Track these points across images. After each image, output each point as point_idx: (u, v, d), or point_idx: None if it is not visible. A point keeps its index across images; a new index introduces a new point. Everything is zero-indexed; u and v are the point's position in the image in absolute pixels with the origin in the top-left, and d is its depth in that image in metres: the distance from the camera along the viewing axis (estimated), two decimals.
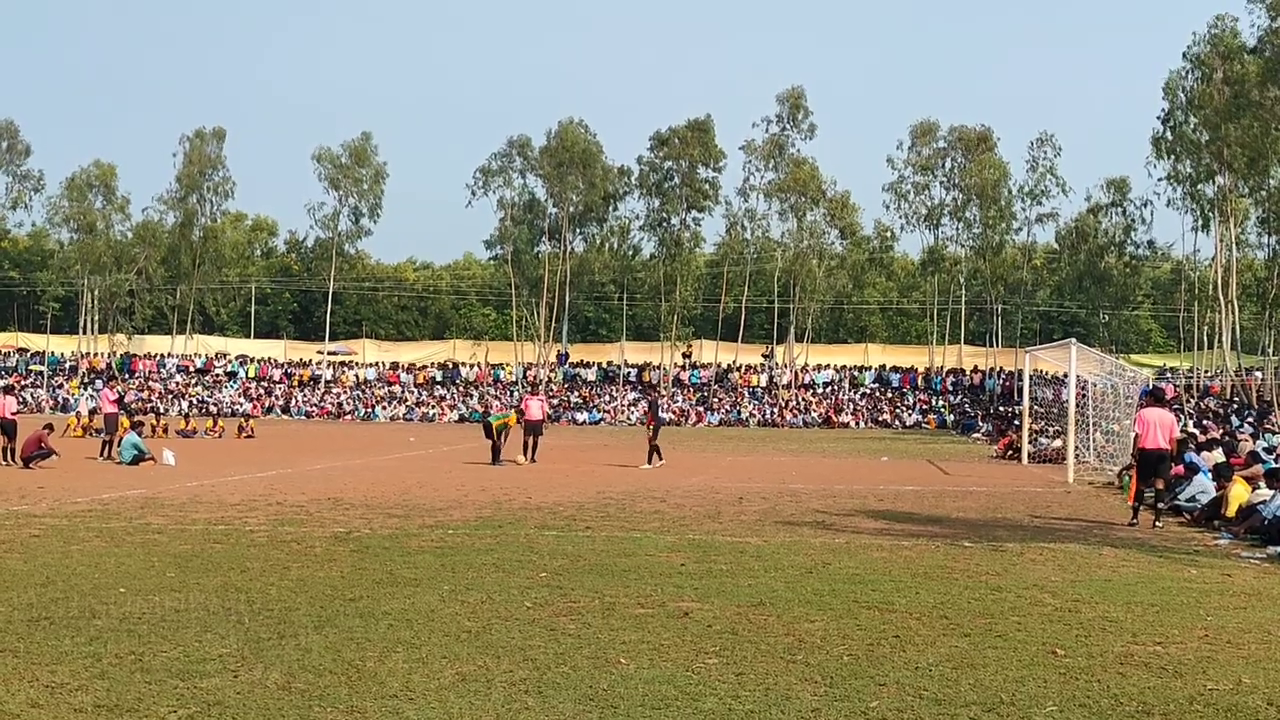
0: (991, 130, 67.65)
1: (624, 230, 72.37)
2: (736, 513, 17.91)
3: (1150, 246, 67.78)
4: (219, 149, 73.53)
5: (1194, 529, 16.87)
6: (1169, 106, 53.34)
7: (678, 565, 12.38)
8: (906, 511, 18.54)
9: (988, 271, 68.42)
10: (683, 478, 25.27)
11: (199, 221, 73.80)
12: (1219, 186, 52.29)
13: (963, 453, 38.31)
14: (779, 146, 68.15)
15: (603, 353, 75.58)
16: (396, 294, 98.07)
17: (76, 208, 70.69)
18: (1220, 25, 50.74)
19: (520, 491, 21.06)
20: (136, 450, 27.71)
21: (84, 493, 19.87)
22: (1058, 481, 25.39)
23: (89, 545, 13.33)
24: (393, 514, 17.13)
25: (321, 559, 12.54)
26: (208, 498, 19.29)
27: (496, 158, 70.61)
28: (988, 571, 12.22)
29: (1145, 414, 17.74)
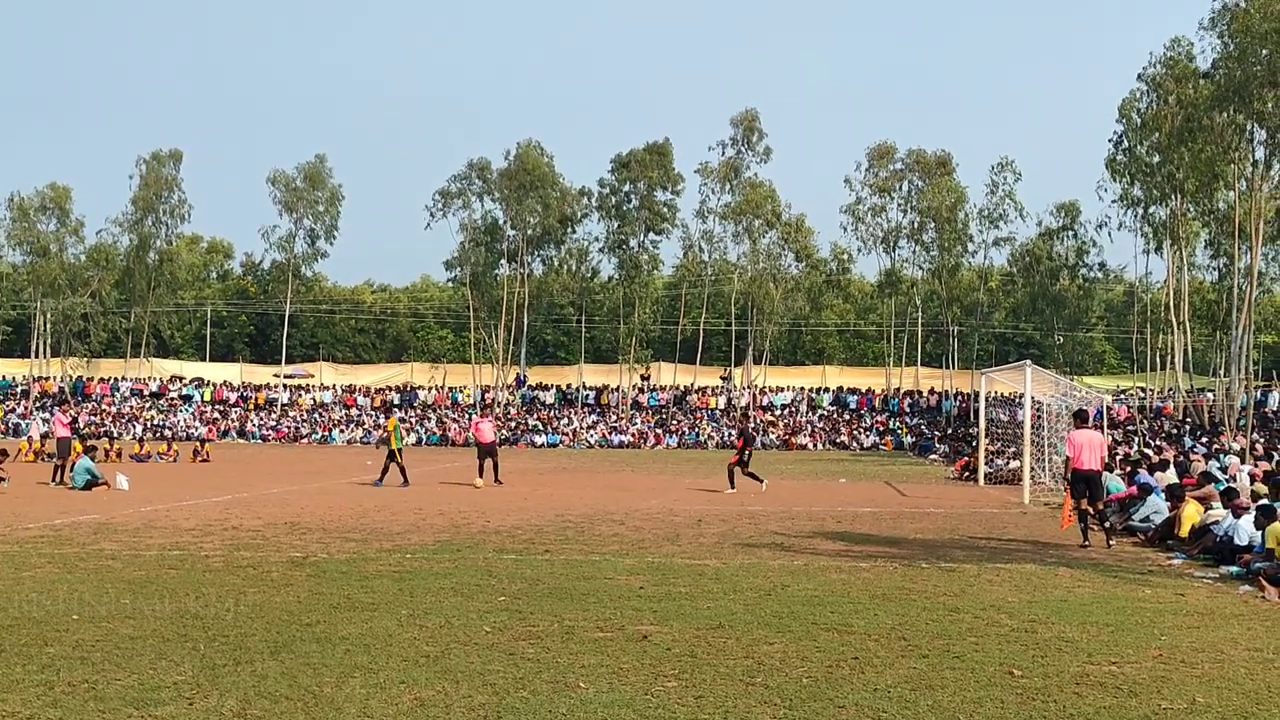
0: (951, 155, 68.29)
1: (583, 253, 72.43)
2: (695, 535, 17.92)
3: (1103, 269, 68.61)
4: (176, 171, 73.00)
5: (1148, 549, 17.03)
6: (1123, 129, 54.00)
7: (637, 588, 12.38)
8: (864, 533, 18.62)
9: (944, 294, 68.93)
10: (641, 500, 25.25)
11: (154, 244, 73.18)
12: (1170, 209, 52.96)
13: (920, 474, 38.50)
14: (734, 169, 68.44)
15: (561, 375, 75.48)
16: (354, 316, 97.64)
17: (24, 229, 69.83)
18: (1176, 48, 51.43)
19: (479, 515, 20.97)
20: (89, 475, 27.39)
21: (36, 518, 19.62)
22: (1014, 502, 25.56)
23: (41, 572, 13.17)
24: (350, 538, 17.02)
25: (278, 584, 12.45)
26: (162, 523, 19.09)
27: (456, 180, 70.55)
28: (945, 593, 12.29)
29: (1075, 436, 17.85)
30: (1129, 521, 18.86)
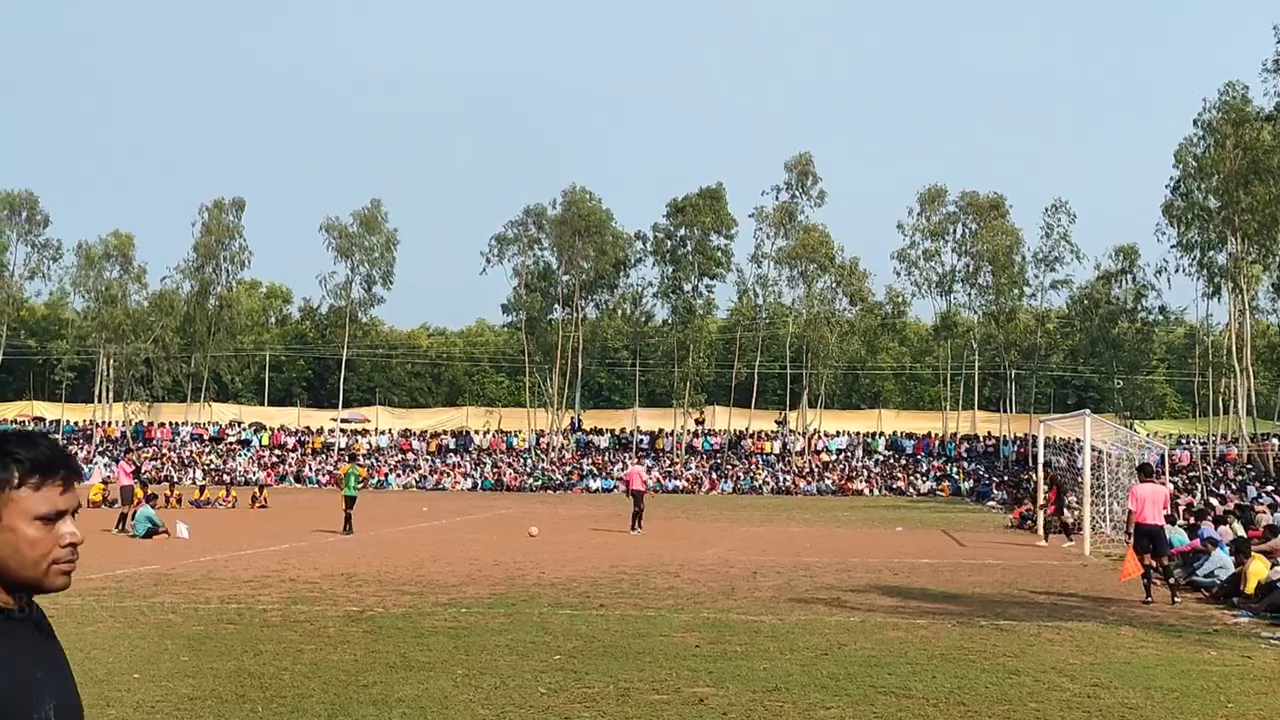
0: (1004, 197, 67.93)
1: (637, 297, 72.67)
2: (751, 589, 17.83)
3: (1163, 312, 67.74)
4: (237, 218, 74.16)
5: (1213, 606, 16.73)
6: (1179, 174, 53.56)
7: (692, 646, 12.33)
8: (921, 587, 18.44)
9: (1001, 337, 68.40)
10: (696, 550, 25.17)
11: (215, 290, 74.27)
12: (1230, 253, 52.36)
13: (977, 522, 38.11)
14: (789, 213, 68.46)
15: (615, 419, 75.50)
16: (410, 360, 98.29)
17: (89, 276, 71.23)
18: (1231, 92, 51.05)
19: (534, 566, 20.99)
20: (150, 523, 27.73)
21: (98, 568, 19.85)
22: (1074, 554, 25.23)
23: (103, 627, 13.33)
24: (406, 591, 17.09)
25: (335, 640, 12.51)
26: (221, 574, 19.26)
27: (512, 225, 71.13)
28: (1004, 653, 12.13)
29: (1138, 489, 17.68)
30: (1192, 577, 18.55)
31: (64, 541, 2.41)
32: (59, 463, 2.43)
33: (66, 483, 2.44)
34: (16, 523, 2.37)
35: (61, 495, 2.43)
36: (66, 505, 2.44)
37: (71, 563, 2.44)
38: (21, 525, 2.37)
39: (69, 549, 2.42)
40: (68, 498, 2.45)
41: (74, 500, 2.47)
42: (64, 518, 2.43)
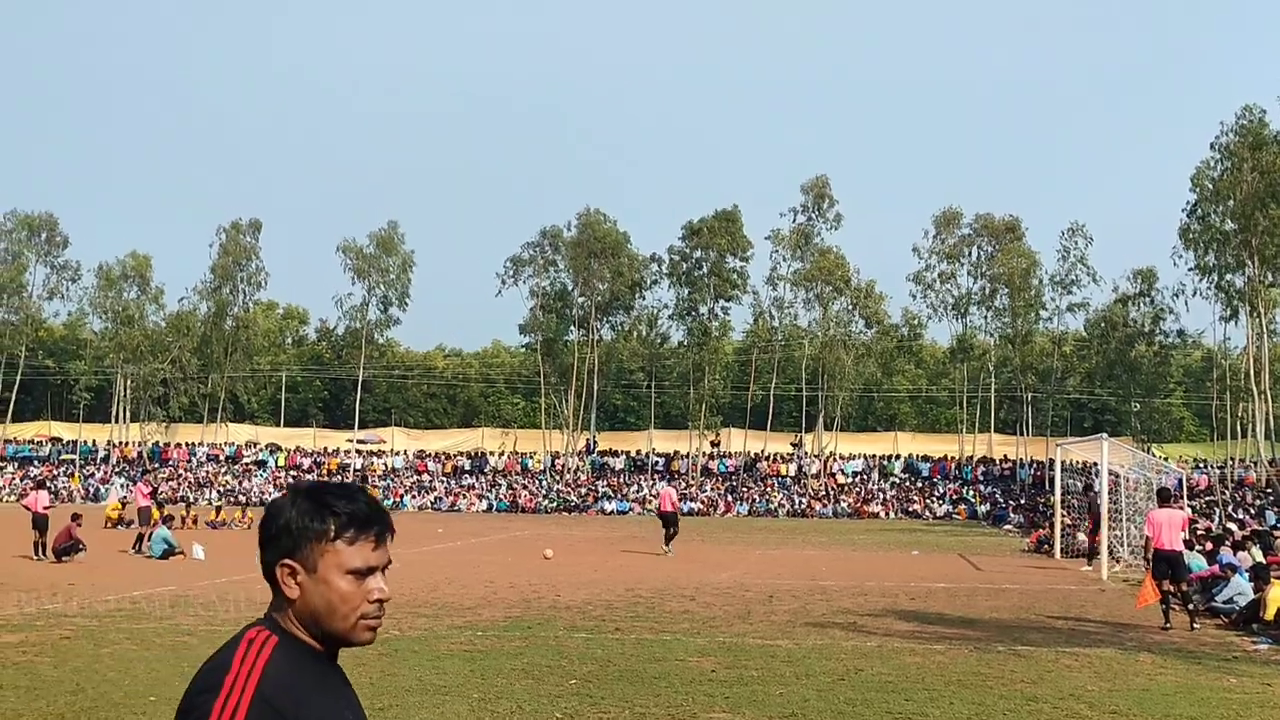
0: (1019, 220, 67.87)
1: (652, 319, 72.70)
2: (767, 612, 17.78)
3: (1181, 335, 67.44)
4: (254, 240, 74.46)
5: (1232, 632, 16.63)
6: (1196, 198, 53.44)
7: (708, 671, 12.29)
8: (938, 612, 18.36)
9: (1017, 360, 68.21)
10: (712, 573, 25.11)
11: (232, 311, 74.55)
12: (1248, 277, 52.19)
13: (994, 546, 37.95)
14: (805, 236, 68.45)
15: (631, 441, 75.41)
16: (426, 382, 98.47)
17: (109, 298, 71.63)
18: (1249, 116, 50.97)
19: (549, 588, 20.97)
20: (167, 545, 27.80)
21: (114, 590, 19.91)
22: (1091, 578, 25.10)
23: (119, 648, 13.34)
24: (421, 613, 17.09)
25: (351, 663, 12.45)
26: (236, 595, 19.26)
27: (528, 247, 71.30)
28: (1022, 679, 12.07)
29: (1155, 514, 17.60)
30: (1211, 603, 18.44)
31: (373, 597, 2.47)
32: (374, 519, 2.50)
33: (379, 538, 2.51)
34: (330, 575, 2.44)
35: (374, 551, 2.49)
36: (378, 561, 2.49)
37: (379, 619, 2.51)
38: (335, 578, 2.44)
39: (377, 605, 2.48)
40: (379, 553, 2.50)
41: (385, 556, 2.53)
42: (375, 573, 2.48)
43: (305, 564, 2.44)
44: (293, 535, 2.45)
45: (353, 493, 2.51)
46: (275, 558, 2.47)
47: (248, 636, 2.41)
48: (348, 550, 2.45)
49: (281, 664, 2.36)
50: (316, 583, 2.44)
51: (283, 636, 2.43)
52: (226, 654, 2.38)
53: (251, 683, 2.30)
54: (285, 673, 2.36)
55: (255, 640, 2.39)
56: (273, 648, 2.39)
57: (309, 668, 2.42)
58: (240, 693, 2.29)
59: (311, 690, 2.39)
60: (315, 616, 2.45)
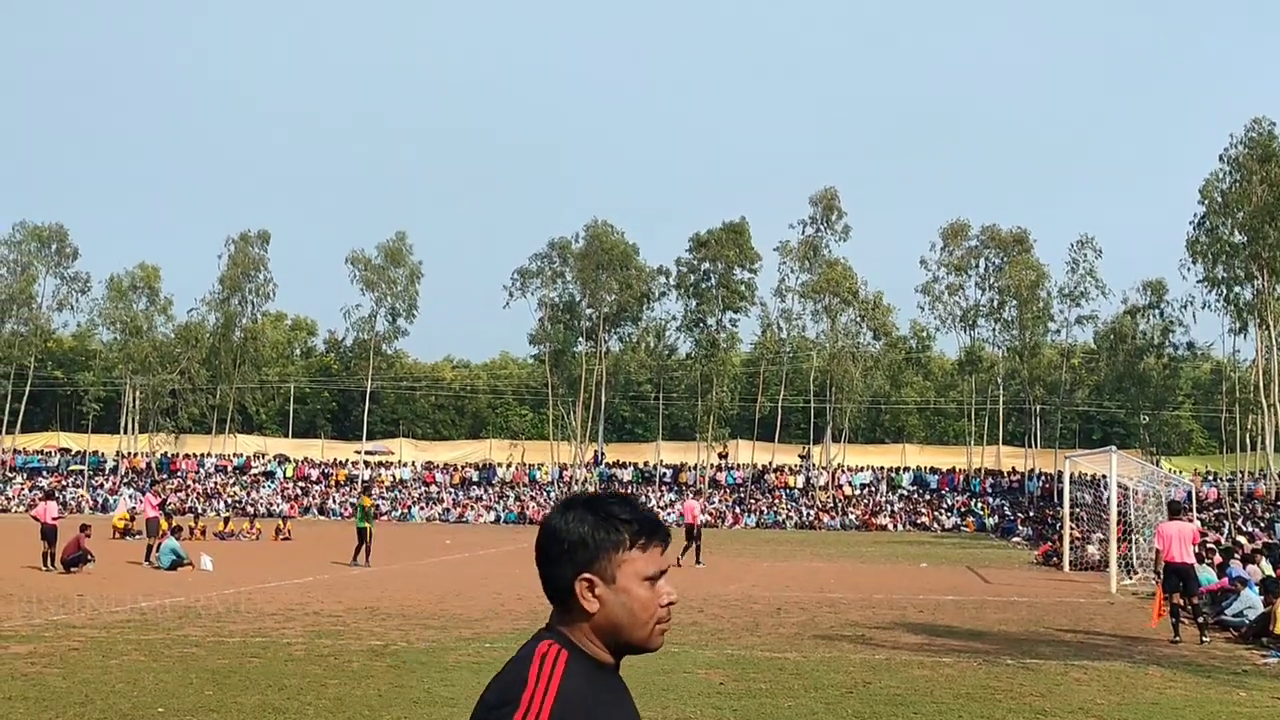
0: (1028, 232, 67.85)
1: (660, 330, 72.75)
2: (775, 625, 17.75)
3: (1190, 348, 67.32)
4: (263, 251, 74.61)
5: (1242, 646, 16.57)
6: (1204, 210, 53.34)
7: (716, 684, 12.27)
8: (947, 624, 18.32)
9: (1026, 372, 68.12)
10: (720, 585, 25.08)
11: (240, 322, 74.65)
12: (1257, 289, 52.04)
13: (1003, 558, 37.87)
14: (813, 248, 68.48)
15: (639, 453, 75.41)
16: (434, 393, 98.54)
17: (119, 309, 71.77)
18: (1258, 128, 50.92)
19: None
20: (175, 556, 27.83)
21: (123, 601, 19.93)
22: (1100, 591, 25.03)
23: (128, 659, 13.35)
24: (429, 625, 17.08)
25: (358, 675, 12.51)
26: (245, 607, 19.29)
27: (536, 259, 71.39)
28: (1031, 693, 12.04)
29: (1164, 527, 17.58)
30: (1221, 616, 18.38)
31: (664, 601, 2.51)
32: (658, 524, 2.55)
33: (664, 543, 2.56)
34: (630, 584, 2.48)
35: (661, 555, 2.54)
36: (664, 565, 2.54)
37: (669, 622, 2.54)
38: (634, 587, 2.48)
39: (667, 609, 2.52)
40: (665, 557, 2.56)
41: (669, 560, 2.58)
42: (662, 577, 2.53)
43: (603, 575, 2.47)
44: (589, 548, 2.48)
45: (631, 501, 2.56)
46: (573, 572, 2.47)
47: (539, 651, 2.42)
48: (642, 558, 2.49)
49: (575, 679, 2.39)
50: (616, 593, 2.46)
51: (573, 651, 2.44)
52: (520, 669, 2.40)
53: (549, 699, 2.33)
54: (579, 688, 2.38)
55: (548, 655, 2.41)
56: (565, 662, 2.40)
57: (599, 682, 2.45)
58: (539, 708, 2.31)
59: (603, 705, 2.42)
60: (616, 627, 2.48)
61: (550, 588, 2.51)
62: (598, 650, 2.48)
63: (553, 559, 2.50)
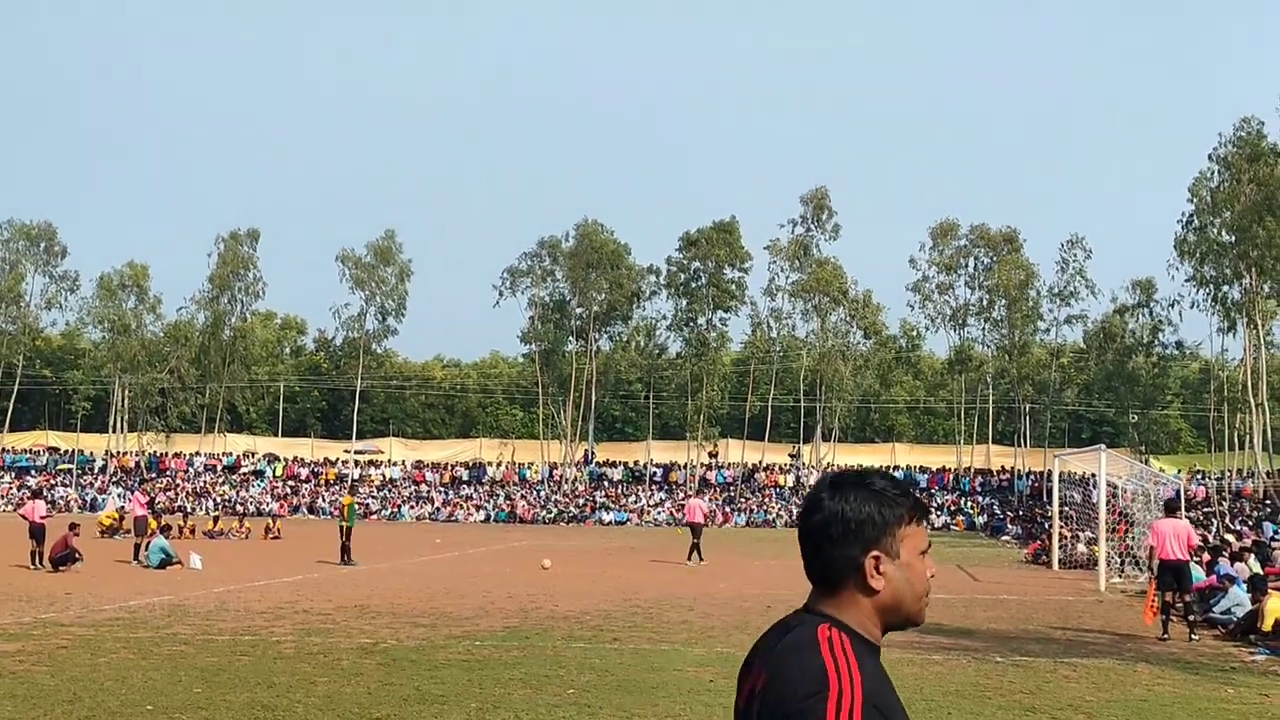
0: (1017, 231, 67.97)
1: (650, 329, 72.75)
2: (765, 622, 17.48)
3: (1179, 347, 67.49)
4: (253, 249, 74.46)
5: (1230, 643, 16.62)
6: (1193, 209, 53.46)
7: (706, 681, 12.28)
8: (936, 622, 18.30)
9: (1015, 371, 68.23)
10: (710, 583, 25.09)
11: (229, 321, 74.48)
12: (1244, 289, 52.17)
13: (992, 557, 37.93)
14: (804, 247, 68.54)
15: (629, 452, 75.43)
16: (424, 392, 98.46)
17: (108, 308, 71.56)
18: (1247, 128, 51.06)
19: (547, 598, 20.95)
20: (164, 554, 27.76)
21: (111, 599, 19.88)
22: (1089, 589, 25.07)
23: (116, 657, 13.32)
24: (419, 623, 17.06)
25: (348, 673, 12.49)
26: (234, 605, 19.26)
27: (526, 258, 71.35)
28: (1021, 690, 12.06)
29: (1159, 525, 17.64)
30: (1209, 613, 18.44)
31: (930, 573, 2.52)
32: (919, 498, 2.55)
33: (928, 517, 2.58)
34: (912, 559, 2.47)
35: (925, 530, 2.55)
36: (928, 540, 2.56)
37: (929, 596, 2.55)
38: (915, 561, 2.48)
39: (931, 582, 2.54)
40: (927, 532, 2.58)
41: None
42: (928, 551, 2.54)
43: (889, 551, 2.45)
44: (876, 525, 2.45)
45: (893, 477, 2.55)
46: (860, 550, 2.44)
47: (823, 635, 2.37)
48: (917, 532, 2.50)
49: (866, 662, 2.35)
50: (900, 568, 2.45)
51: (850, 633, 2.41)
52: (808, 655, 2.35)
53: (857, 680, 2.29)
54: (875, 669, 2.36)
55: (834, 639, 2.37)
56: (851, 645, 2.37)
57: (878, 663, 2.43)
58: (850, 694, 2.27)
59: (889, 686, 2.40)
60: (899, 602, 2.46)
61: (828, 569, 2.47)
62: (872, 629, 2.46)
63: (836, 539, 2.46)
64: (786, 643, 2.41)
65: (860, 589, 2.43)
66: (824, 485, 2.54)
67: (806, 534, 2.50)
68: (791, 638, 2.41)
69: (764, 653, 2.46)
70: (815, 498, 2.51)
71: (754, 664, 2.48)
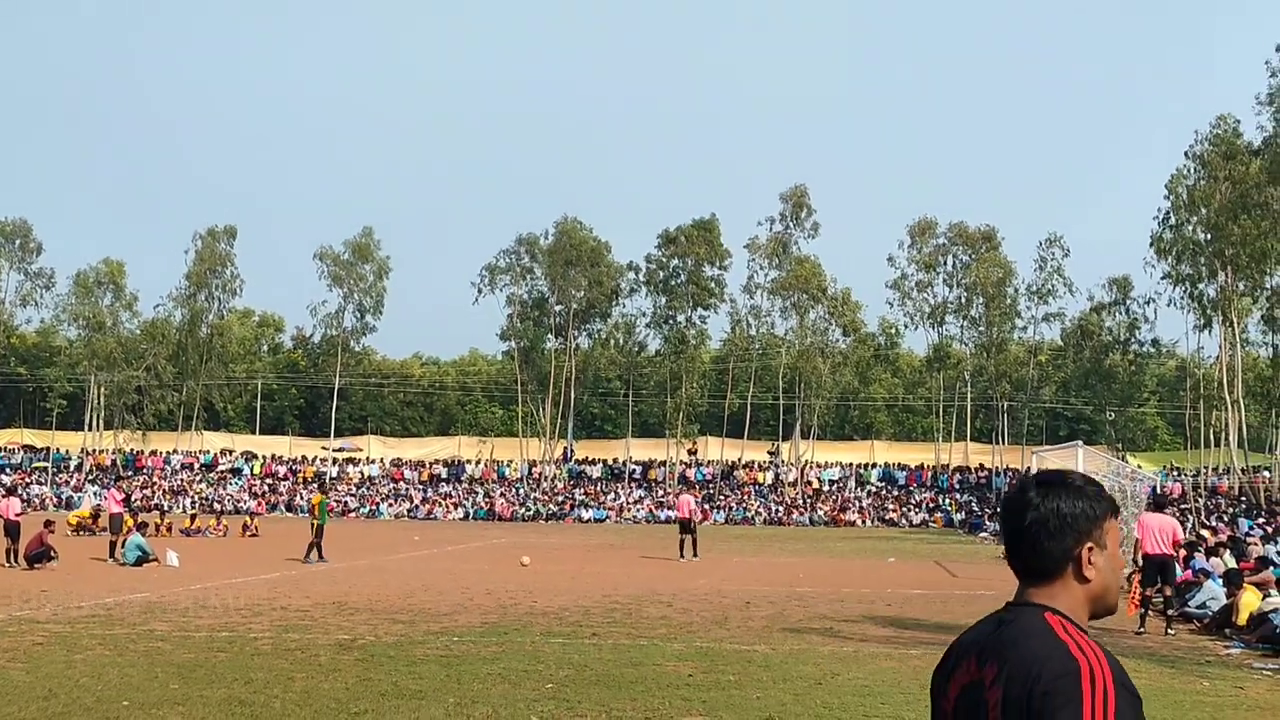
0: (995, 229, 68.20)
1: (629, 327, 72.69)
2: (744, 618, 17.78)
3: (1155, 344, 67.86)
4: (230, 246, 74.07)
5: (1205, 637, 16.72)
6: (1170, 206, 53.67)
7: (685, 676, 12.28)
8: (915, 618, 18.40)
9: (993, 369, 68.45)
10: (689, 580, 25.10)
11: (207, 319, 74.09)
12: (1220, 286, 52.38)
13: (970, 553, 38.05)
14: (783, 244, 68.59)
15: (608, 449, 75.32)
16: (402, 390, 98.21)
17: (84, 305, 71.10)
18: (1223, 125, 51.27)
19: (525, 595, 20.92)
20: (140, 551, 27.61)
21: (87, 596, 19.78)
22: None
23: (92, 654, 13.25)
24: (397, 619, 17.02)
25: (326, 669, 12.45)
26: (212, 602, 19.18)
27: (504, 255, 71.21)
28: None
29: (1145, 519, 17.76)
30: (1185, 607, 18.55)
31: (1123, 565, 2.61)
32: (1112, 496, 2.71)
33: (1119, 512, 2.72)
34: (1115, 549, 2.64)
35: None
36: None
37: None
38: (1117, 551, 2.65)
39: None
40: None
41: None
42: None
43: (1099, 543, 2.60)
44: (1088, 519, 2.59)
45: (1084, 475, 2.72)
46: (1075, 543, 2.58)
47: (1053, 621, 2.50)
48: (1114, 525, 2.63)
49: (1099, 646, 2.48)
50: (1108, 559, 2.60)
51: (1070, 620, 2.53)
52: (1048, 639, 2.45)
53: (1105, 664, 2.38)
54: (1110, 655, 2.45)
55: (1065, 625, 2.49)
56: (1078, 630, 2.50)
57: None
58: (1101, 673, 2.36)
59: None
60: (1106, 590, 2.60)
61: (1046, 563, 2.59)
62: (1082, 617, 2.58)
63: (1054, 533, 2.58)
64: (1015, 631, 2.52)
65: (1075, 579, 2.58)
66: (1029, 487, 2.67)
67: (1023, 532, 2.62)
68: (1017, 627, 2.53)
69: (980, 646, 2.57)
70: (1023, 499, 2.64)
71: (964, 660, 2.60)
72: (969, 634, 2.67)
